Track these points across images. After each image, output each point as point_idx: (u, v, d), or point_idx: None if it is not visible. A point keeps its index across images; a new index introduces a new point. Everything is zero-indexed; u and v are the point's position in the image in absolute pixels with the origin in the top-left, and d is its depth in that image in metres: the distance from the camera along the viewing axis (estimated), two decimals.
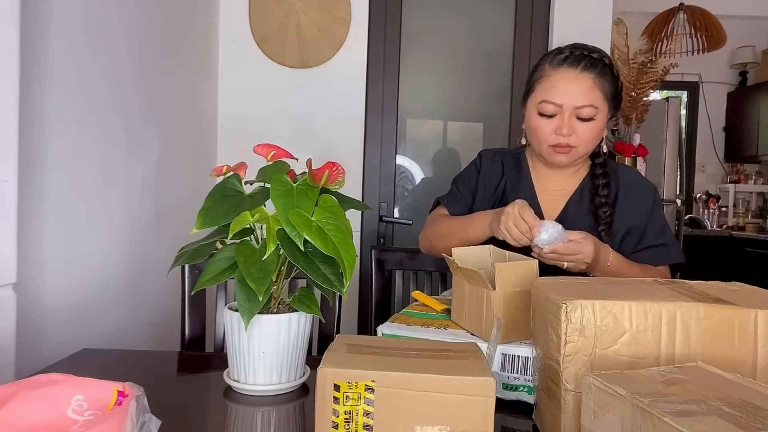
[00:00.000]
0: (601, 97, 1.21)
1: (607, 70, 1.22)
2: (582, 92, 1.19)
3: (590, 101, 1.19)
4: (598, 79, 1.20)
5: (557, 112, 1.21)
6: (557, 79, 1.21)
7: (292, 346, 0.90)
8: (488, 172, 1.39)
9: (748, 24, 4.75)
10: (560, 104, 1.20)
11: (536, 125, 1.24)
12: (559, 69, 1.21)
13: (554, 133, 1.22)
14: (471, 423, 0.65)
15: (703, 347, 0.66)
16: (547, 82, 1.22)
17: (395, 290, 1.58)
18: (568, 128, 1.20)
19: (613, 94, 1.23)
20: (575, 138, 1.21)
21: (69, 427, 0.59)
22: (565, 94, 1.20)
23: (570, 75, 1.20)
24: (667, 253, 1.27)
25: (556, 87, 1.20)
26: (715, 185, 5.19)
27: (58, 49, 1.22)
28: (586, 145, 1.23)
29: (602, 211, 1.26)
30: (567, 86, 1.20)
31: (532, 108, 1.25)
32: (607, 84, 1.21)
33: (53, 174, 1.22)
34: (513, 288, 0.90)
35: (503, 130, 2.57)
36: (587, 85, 1.19)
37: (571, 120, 1.20)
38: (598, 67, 1.20)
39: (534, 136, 1.26)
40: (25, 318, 1.09)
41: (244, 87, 2.37)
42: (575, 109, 1.19)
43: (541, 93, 1.23)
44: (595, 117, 1.20)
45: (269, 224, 0.85)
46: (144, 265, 1.61)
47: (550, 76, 1.22)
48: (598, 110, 1.20)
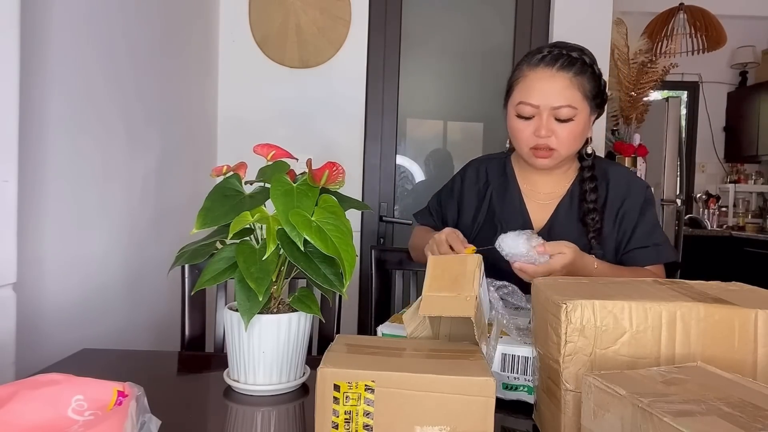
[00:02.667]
0: (580, 96, 1.17)
1: (587, 68, 1.19)
2: (558, 92, 1.16)
3: (568, 101, 1.16)
4: (576, 78, 1.17)
5: (535, 114, 1.18)
6: (533, 80, 1.18)
7: (292, 346, 0.90)
8: (471, 184, 1.37)
9: (748, 24, 4.75)
10: (537, 105, 1.17)
11: (515, 127, 1.22)
12: (536, 69, 1.18)
13: (533, 135, 1.19)
14: (471, 423, 0.65)
15: (703, 347, 0.66)
16: (524, 83, 1.20)
17: (395, 290, 1.58)
18: (546, 129, 1.17)
19: (593, 93, 1.20)
20: (554, 140, 1.18)
21: (69, 427, 0.59)
22: (541, 94, 1.17)
23: (546, 75, 1.17)
24: (658, 252, 1.24)
25: (532, 87, 1.18)
26: (715, 185, 5.19)
27: (58, 50, 1.22)
28: (568, 147, 1.20)
29: (590, 218, 1.23)
30: (543, 86, 1.17)
31: (512, 110, 1.22)
32: (586, 83, 1.18)
33: (53, 174, 1.22)
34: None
35: (503, 130, 2.53)
36: (563, 84, 1.16)
37: (550, 121, 1.17)
38: (575, 66, 1.17)
39: (514, 138, 1.24)
40: (25, 318, 1.09)
41: (244, 87, 2.37)
42: (553, 110, 1.17)
43: (518, 94, 1.20)
44: (574, 117, 1.17)
45: (269, 224, 0.85)
46: (144, 265, 1.61)
47: (527, 76, 1.20)
48: (577, 110, 1.17)
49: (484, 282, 0.92)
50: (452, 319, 0.85)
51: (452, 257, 0.89)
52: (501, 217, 1.30)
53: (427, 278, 0.84)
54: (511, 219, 1.29)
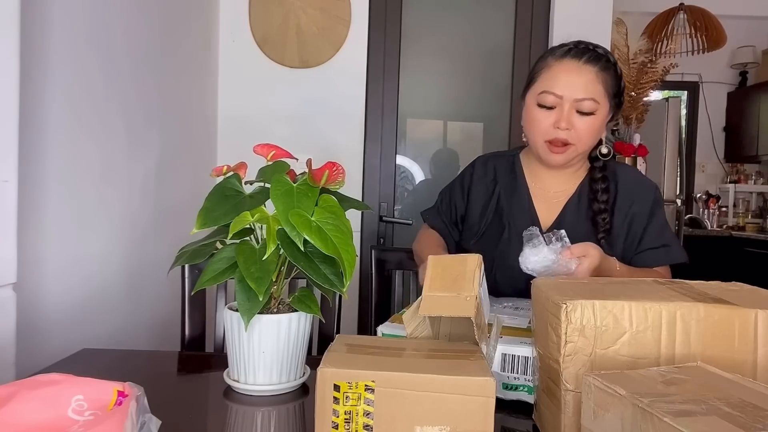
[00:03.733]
0: (603, 92, 1.18)
1: (611, 66, 1.20)
2: (583, 84, 1.17)
3: (591, 94, 1.17)
4: (601, 73, 1.18)
5: (557, 104, 1.18)
6: (559, 70, 1.19)
7: (292, 346, 0.90)
8: (480, 183, 1.37)
9: (748, 24, 4.75)
10: (561, 95, 1.17)
11: (534, 117, 1.21)
12: (562, 60, 1.19)
13: (552, 126, 1.19)
14: (471, 423, 0.65)
15: (703, 347, 0.66)
16: (548, 73, 1.20)
17: (395, 290, 1.58)
18: (567, 122, 1.17)
19: (615, 92, 1.21)
20: (573, 133, 1.18)
21: (69, 427, 0.59)
22: (566, 85, 1.17)
23: (572, 66, 1.18)
24: (667, 253, 1.24)
25: (557, 78, 1.18)
26: (715, 185, 5.19)
27: (58, 49, 1.22)
28: (584, 143, 1.20)
29: (601, 218, 1.23)
30: (569, 77, 1.17)
31: (532, 99, 1.22)
32: (609, 79, 1.19)
33: (53, 174, 1.22)
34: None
35: (503, 130, 2.57)
36: (589, 78, 1.17)
37: (571, 114, 1.17)
38: (601, 61, 1.19)
39: (531, 129, 1.23)
40: (25, 318, 1.09)
41: (244, 87, 2.37)
42: (575, 102, 1.17)
43: (542, 84, 1.20)
44: (595, 112, 1.18)
45: (269, 224, 0.85)
46: (144, 265, 1.61)
47: (552, 66, 1.20)
48: (599, 105, 1.18)
49: (484, 282, 0.92)
50: (452, 319, 0.85)
51: (452, 257, 0.89)
52: (509, 216, 1.30)
53: (427, 278, 0.84)
54: (519, 217, 1.29)
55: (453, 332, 0.87)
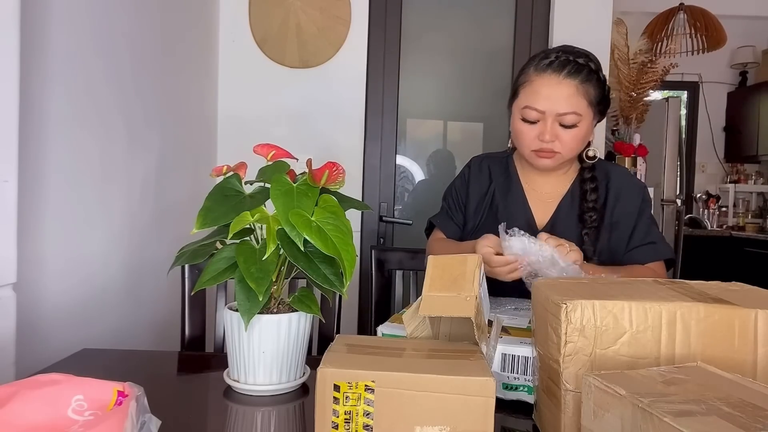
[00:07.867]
0: (585, 103, 1.19)
1: (593, 75, 1.21)
2: (565, 99, 1.18)
3: (573, 108, 1.18)
4: (582, 85, 1.19)
5: (540, 118, 1.20)
6: (540, 85, 1.20)
7: (292, 346, 0.90)
8: (476, 180, 1.39)
9: (748, 24, 4.75)
10: (543, 110, 1.19)
11: (519, 130, 1.24)
12: (543, 74, 1.20)
13: (537, 138, 1.21)
14: (471, 423, 0.65)
15: (703, 347, 0.66)
16: (530, 88, 1.21)
17: (395, 290, 1.58)
18: (550, 134, 1.19)
19: (598, 99, 1.22)
20: (558, 144, 1.20)
21: (69, 427, 0.59)
22: (547, 100, 1.18)
23: (553, 81, 1.19)
24: (655, 250, 1.27)
25: (539, 93, 1.19)
26: (715, 185, 5.19)
27: (58, 49, 1.22)
28: (570, 151, 1.23)
29: (588, 216, 1.26)
30: (550, 92, 1.18)
31: (517, 112, 1.24)
32: (591, 90, 1.20)
33: (53, 174, 1.22)
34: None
35: (503, 130, 2.57)
36: (570, 92, 1.18)
37: (554, 126, 1.19)
38: (582, 73, 1.19)
39: (518, 140, 1.27)
40: (25, 318, 1.09)
41: (244, 87, 2.37)
42: (558, 116, 1.18)
43: (524, 98, 1.22)
44: (578, 124, 1.19)
45: (269, 224, 0.85)
46: (144, 265, 1.61)
47: (533, 81, 1.21)
48: (581, 117, 1.19)
49: (484, 282, 0.92)
50: (452, 319, 0.85)
51: (452, 257, 0.89)
52: (504, 215, 1.31)
53: (427, 278, 0.84)
54: (514, 217, 1.30)
55: (453, 332, 0.87)
